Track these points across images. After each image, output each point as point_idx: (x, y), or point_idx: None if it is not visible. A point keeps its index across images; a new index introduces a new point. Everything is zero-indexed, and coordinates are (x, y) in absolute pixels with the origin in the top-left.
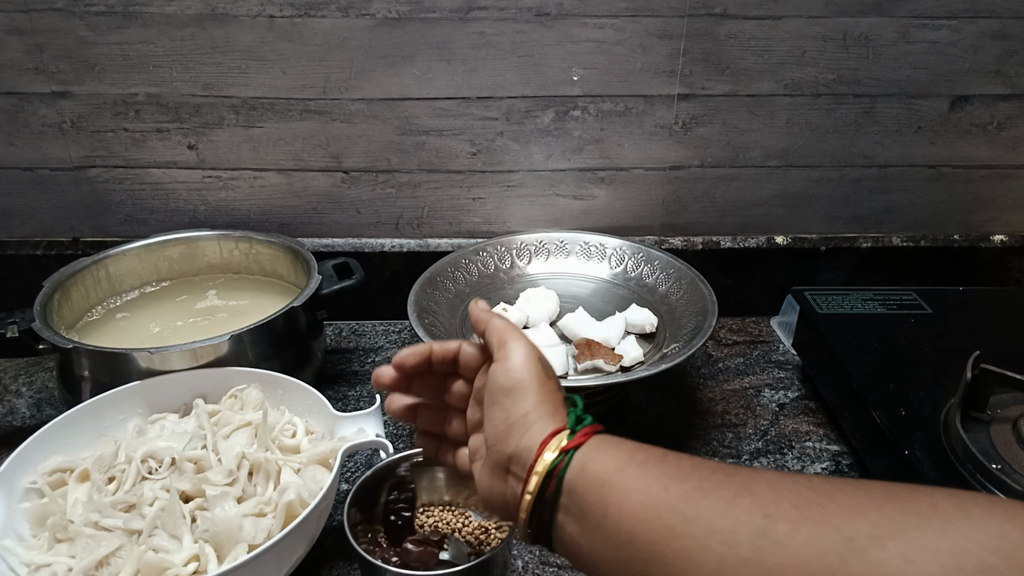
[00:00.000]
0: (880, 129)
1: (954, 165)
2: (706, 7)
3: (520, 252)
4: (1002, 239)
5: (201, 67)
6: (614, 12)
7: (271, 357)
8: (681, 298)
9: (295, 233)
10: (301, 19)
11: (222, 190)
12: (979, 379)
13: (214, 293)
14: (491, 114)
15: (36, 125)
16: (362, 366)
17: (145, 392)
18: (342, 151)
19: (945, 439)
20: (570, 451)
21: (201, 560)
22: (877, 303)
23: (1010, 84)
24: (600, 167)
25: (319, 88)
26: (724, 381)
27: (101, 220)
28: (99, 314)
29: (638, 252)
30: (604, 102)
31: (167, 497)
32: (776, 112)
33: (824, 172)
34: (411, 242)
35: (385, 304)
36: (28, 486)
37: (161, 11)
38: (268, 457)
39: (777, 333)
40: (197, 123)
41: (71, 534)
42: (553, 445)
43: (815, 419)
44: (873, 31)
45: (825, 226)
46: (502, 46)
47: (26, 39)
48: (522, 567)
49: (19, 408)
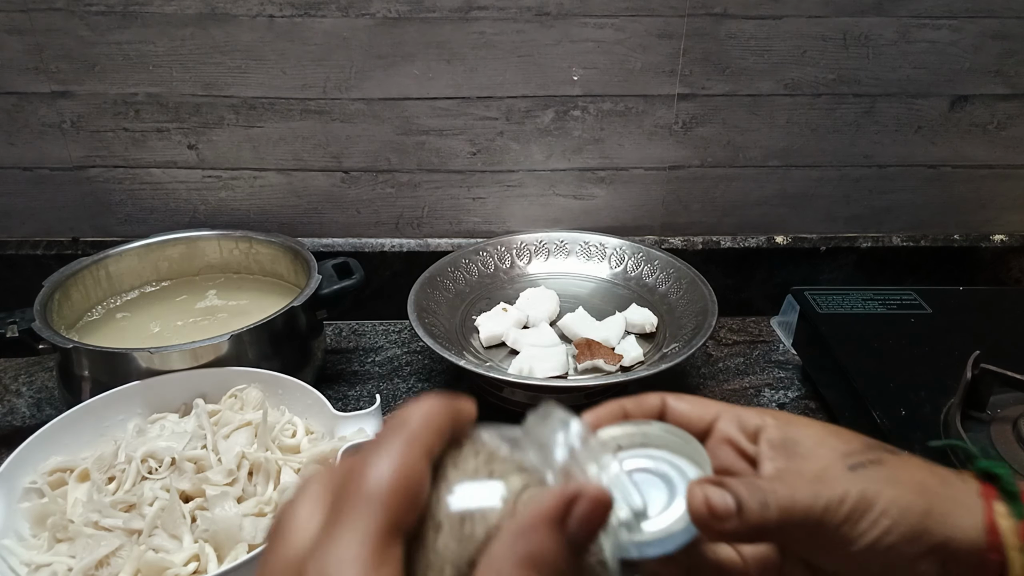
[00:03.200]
0: (880, 129)
1: (954, 165)
2: (706, 7)
3: (520, 252)
4: (1002, 239)
5: (201, 67)
6: (614, 12)
7: (271, 357)
8: (681, 298)
9: (295, 233)
10: (301, 19)
11: (222, 190)
12: (979, 379)
13: (214, 293)
14: (491, 114)
15: (36, 125)
16: (362, 366)
17: (145, 392)
18: (342, 151)
19: (945, 439)
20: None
21: (201, 560)
22: (877, 303)
23: (1010, 84)
24: (600, 167)
25: (319, 88)
26: (724, 381)
27: (101, 220)
28: (99, 314)
29: (638, 252)
30: (604, 102)
31: (167, 497)
32: (776, 112)
33: (824, 172)
34: (411, 242)
35: (385, 304)
36: (28, 486)
37: (161, 11)
38: (268, 457)
39: (777, 333)
40: (197, 123)
41: (71, 534)
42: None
43: (815, 419)
44: (873, 31)
45: (825, 226)
46: (502, 46)
47: (26, 39)
48: None
49: (19, 408)
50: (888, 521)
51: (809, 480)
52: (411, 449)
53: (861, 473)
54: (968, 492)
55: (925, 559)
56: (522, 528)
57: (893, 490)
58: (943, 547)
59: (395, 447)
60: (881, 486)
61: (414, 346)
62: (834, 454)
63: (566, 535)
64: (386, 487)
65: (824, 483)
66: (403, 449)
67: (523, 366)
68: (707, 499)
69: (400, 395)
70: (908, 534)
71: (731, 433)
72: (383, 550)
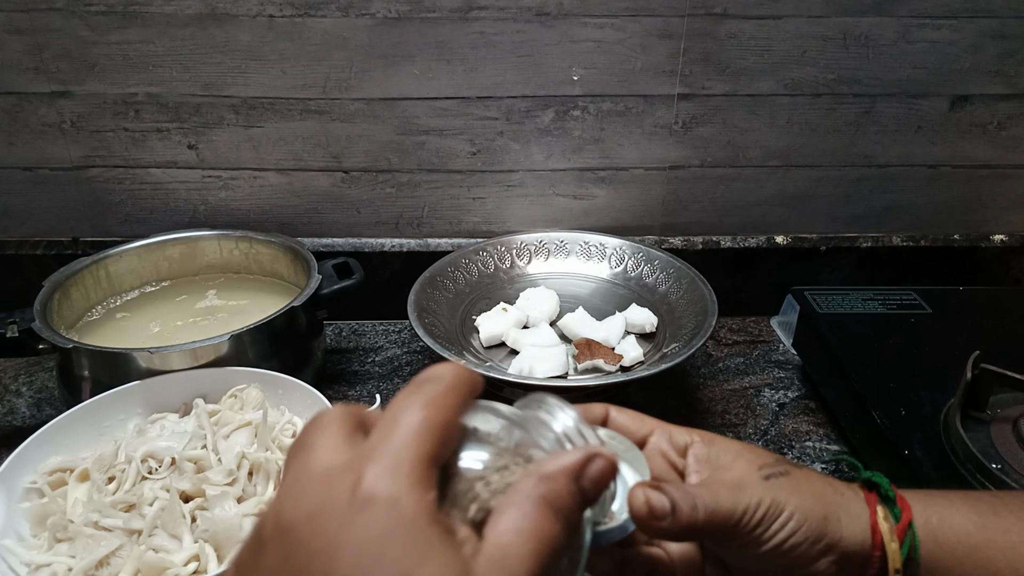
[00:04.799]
0: (880, 129)
1: (954, 165)
2: (706, 7)
3: (520, 252)
4: (1002, 239)
5: (201, 67)
6: (614, 12)
7: (271, 357)
8: (681, 298)
9: (295, 233)
10: (301, 19)
11: (222, 190)
12: (979, 379)
13: (214, 293)
14: (491, 114)
15: (36, 125)
16: (362, 366)
17: (145, 392)
18: (342, 151)
19: (945, 439)
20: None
21: (201, 560)
22: (877, 303)
23: (1010, 84)
24: (600, 167)
25: (319, 88)
26: (724, 381)
27: (101, 220)
28: (99, 314)
29: (638, 252)
30: (604, 102)
31: (167, 497)
32: (776, 112)
33: (824, 172)
34: (411, 242)
35: (385, 304)
36: (28, 486)
37: (161, 11)
38: (268, 457)
39: (777, 333)
40: (197, 123)
41: (71, 534)
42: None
43: (815, 419)
44: (873, 31)
45: (825, 226)
46: (502, 46)
47: (26, 39)
48: None
49: (19, 408)
50: (794, 524)
51: (730, 488)
52: (450, 396)
53: (773, 483)
54: (856, 500)
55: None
56: (545, 474)
57: (798, 498)
58: (837, 546)
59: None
60: (788, 494)
61: (414, 346)
62: (750, 466)
63: (579, 487)
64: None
65: (742, 490)
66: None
67: (523, 366)
68: (647, 500)
69: None
70: (810, 536)
71: (663, 447)
72: (427, 473)
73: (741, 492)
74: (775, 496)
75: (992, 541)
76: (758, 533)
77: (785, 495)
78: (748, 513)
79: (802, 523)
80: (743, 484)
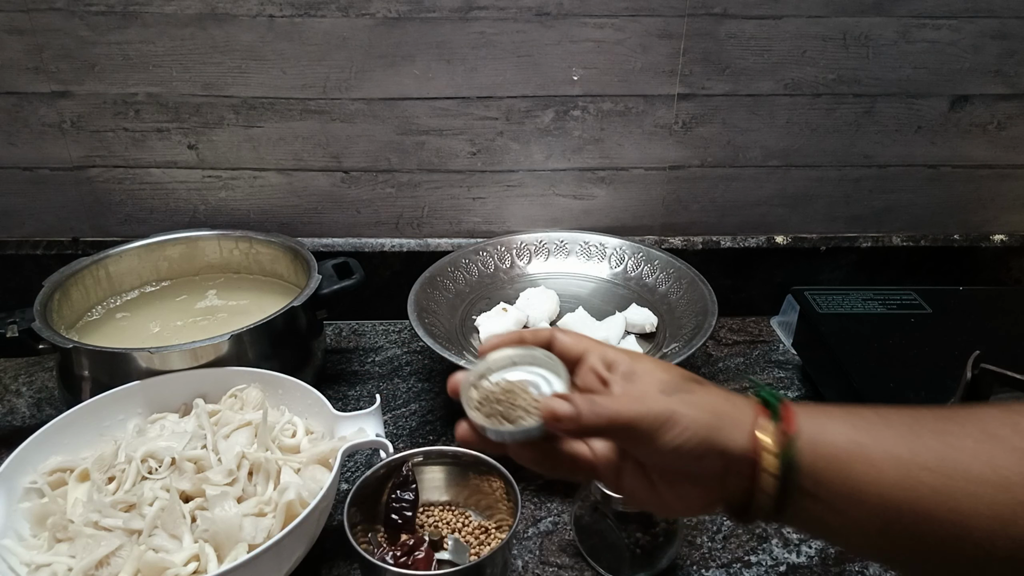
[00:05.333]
0: (880, 129)
1: (954, 165)
2: (706, 7)
3: (520, 252)
4: (1002, 239)
5: (201, 67)
6: (614, 12)
7: (271, 357)
8: (681, 298)
9: (295, 233)
10: (301, 19)
11: (222, 190)
12: (979, 379)
13: (214, 293)
14: (491, 114)
15: (36, 125)
16: (362, 366)
17: (145, 392)
18: (342, 151)
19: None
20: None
21: (201, 560)
22: (877, 303)
23: (1010, 84)
24: (600, 167)
25: (319, 88)
26: (724, 381)
27: (101, 220)
28: (99, 314)
29: (638, 252)
30: (604, 102)
31: (167, 497)
32: (776, 112)
33: (824, 172)
34: (411, 242)
35: (385, 304)
36: (28, 486)
37: (161, 11)
38: (268, 457)
39: (777, 333)
40: (197, 123)
41: (71, 534)
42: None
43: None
44: (873, 31)
45: (825, 226)
46: (502, 46)
47: (26, 39)
48: (522, 567)
49: (19, 408)
50: (687, 432)
51: (633, 399)
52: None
53: (673, 397)
54: (747, 412)
55: (710, 458)
56: None
57: (694, 411)
58: (724, 451)
59: None
60: (684, 408)
61: (414, 346)
62: (657, 383)
63: None
64: None
65: (642, 402)
66: None
67: None
68: (552, 408)
69: (400, 395)
70: (700, 442)
71: (595, 364)
72: None
73: (641, 403)
74: (674, 408)
75: (863, 456)
76: (654, 437)
77: (684, 408)
78: (645, 421)
79: (693, 432)
80: (645, 397)
